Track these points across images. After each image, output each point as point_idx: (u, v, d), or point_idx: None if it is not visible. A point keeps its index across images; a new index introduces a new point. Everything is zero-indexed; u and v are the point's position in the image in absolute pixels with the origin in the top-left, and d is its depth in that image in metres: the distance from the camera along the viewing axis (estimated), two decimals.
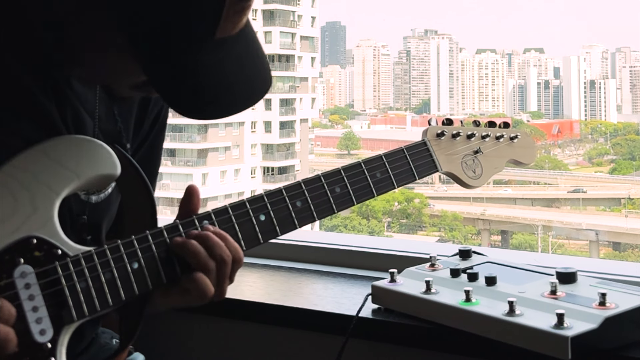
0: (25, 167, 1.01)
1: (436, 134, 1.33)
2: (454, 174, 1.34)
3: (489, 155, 1.38)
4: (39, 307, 0.96)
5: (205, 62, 0.96)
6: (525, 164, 1.42)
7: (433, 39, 22.11)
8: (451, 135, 1.34)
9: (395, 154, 1.27)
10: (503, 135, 1.40)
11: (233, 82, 1.00)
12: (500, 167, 1.40)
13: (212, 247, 1.03)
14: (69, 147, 1.05)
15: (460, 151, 1.35)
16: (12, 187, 0.99)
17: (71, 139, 1.07)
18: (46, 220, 1.00)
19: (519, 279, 1.47)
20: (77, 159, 1.04)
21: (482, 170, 1.37)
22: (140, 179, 1.08)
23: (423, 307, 1.45)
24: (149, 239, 1.03)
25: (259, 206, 1.12)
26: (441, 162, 1.32)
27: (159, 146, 1.31)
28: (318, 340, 1.62)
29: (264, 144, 16.19)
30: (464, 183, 1.34)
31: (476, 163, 1.36)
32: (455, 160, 1.34)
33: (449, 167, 1.33)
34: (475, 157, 1.36)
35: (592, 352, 1.28)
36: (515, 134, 1.41)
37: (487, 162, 1.38)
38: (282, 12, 16.61)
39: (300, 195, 1.15)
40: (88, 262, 0.99)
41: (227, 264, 1.04)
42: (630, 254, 13.15)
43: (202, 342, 1.78)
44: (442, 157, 1.32)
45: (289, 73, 16.69)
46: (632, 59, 19.58)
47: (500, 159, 1.40)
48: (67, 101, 1.09)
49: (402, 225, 15.12)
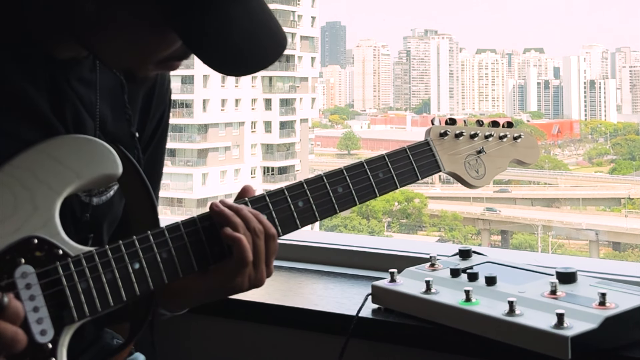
0: (26, 167, 1.01)
1: (439, 133, 1.33)
2: (457, 174, 1.33)
3: (492, 155, 1.38)
4: (39, 307, 0.96)
5: (232, 14, 0.97)
6: (528, 163, 1.41)
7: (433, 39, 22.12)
8: (454, 135, 1.34)
9: (397, 154, 1.26)
10: (506, 135, 1.39)
11: (259, 33, 1.01)
12: (503, 167, 1.39)
13: (247, 219, 1.07)
14: (70, 147, 1.04)
15: (463, 151, 1.35)
16: (13, 186, 0.99)
17: (72, 139, 1.07)
18: (47, 220, 1.00)
19: (519, 279, 1.47)
20: (78, 159, 1.04)
21: (485, 170, 1.36)
22: (140, 179, 1.08)
23: (423, 307, 1.45)
24: (150, 239, 1.03)
25: (260, 206, 1.12)
26: (444, 162, 1.31)
27: (163, 147, 1.31)
28: (318, 340, 1.62)
29: (264, 144, 16.20)
30: (467, 183, 1.34)
31: (479, 163, 1.36)
32: (459, 160, 1.34)
33: (452, 167, 1.33)
34: (478, 157, 1.36)
35: (592, 352, 1.28)
36: (518, 133, 1.41)
37: (490, 162, 1.37)
38: (282, 12, 16.61)
39: (303, 195, 1.15)
40: (89, 262, 0.99)
41: (260, 236, 1.07)
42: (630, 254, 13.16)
43: (202, 342, 1.78)
44: (445, 157, 1.32)
45: (289, 73, 16.70)
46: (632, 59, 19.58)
47: (504, 159, 1.39)
48: (67, 102, 1.09)
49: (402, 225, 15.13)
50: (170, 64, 1.05)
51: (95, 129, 1.13)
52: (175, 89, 15.26)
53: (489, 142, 1.37)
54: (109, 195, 1.15)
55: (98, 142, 1.06)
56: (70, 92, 1.09)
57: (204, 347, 1.78)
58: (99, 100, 1.14)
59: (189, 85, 15.48)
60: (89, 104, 1.12)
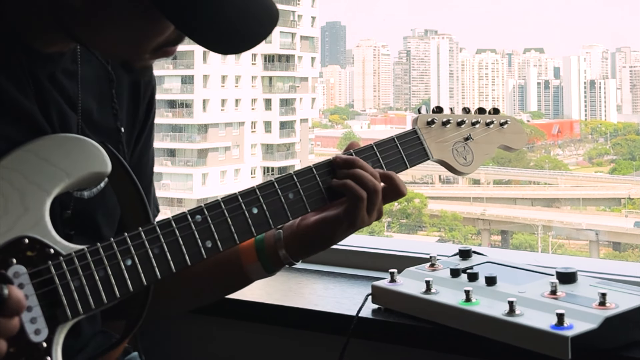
0: (15, 167, 1.01)
1: (426, 122, 1.33)
2: (445, 161, 1.34)
3: (480, 141, 1.38)
4: (33, 306, 0.96)
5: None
6: (516, 149, 1.42)
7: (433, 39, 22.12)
8: (441, 123, 1.34)
9: (386, 143, 1.27)
10: (493, 122, 1.40)
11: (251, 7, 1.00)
12: (490, 153, 1.40)
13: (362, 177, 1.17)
14: (58, 146, 1.05)
15: (451, 138, 1.35)
16: (2, 187, 0.99)
17: (60, 138, 1.07)
18: (38, 220, 1.00)
19: (519, 279, 1.47)
20: (66, 158, 1.04)
21: (473, 157, 1.37)
22: (128, 175, 1.08)
23: (423, 307, 1.45)
24: (142, 236, 1.03)
25: (251, 199, 1.12)
26: (432, 150, 1.32)
27: (151, 140, 1.31)
28: (318, 340, 1.62)
29: (264, 144, 16.20)
30: (456, 170, 1.34)
31: (467, 150, 1.36)
32: (446, 148, 1.34)
33: (440, 154, 1.33)
34: (466, 144, 1.36)
35: (592, 352, 1.28)
36: (504, 119, 1.41)
37: (477, 148, 1.38)
38: (282, 12, 16.60)
39: (292, 187, 1.16)
40: (81, 261, 0.99)
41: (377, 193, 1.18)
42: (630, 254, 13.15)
43: (202, 342, 1.78)
44: (433, 144, 1.32)
45: (289, 73, 16.70)
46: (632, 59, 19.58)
47: (491, 145, 1.40)
48: (51, 99, 1.09)
49: (402, 225, 15.12)
50: (166, 50, 1.04)
51: (78, 123, 1.12)
52: (175, 89, 15.26)
53: (476, 129, 1.38)
54: (100, 187, 1.15)
55: (86, 140, 1.06)
56: (53, 87, 1.09)
57: (204, 347, 1.78)
58: (81, 93, 1.13)
59: (189, 85, 15.48)
60: (71, 96, 1.12)
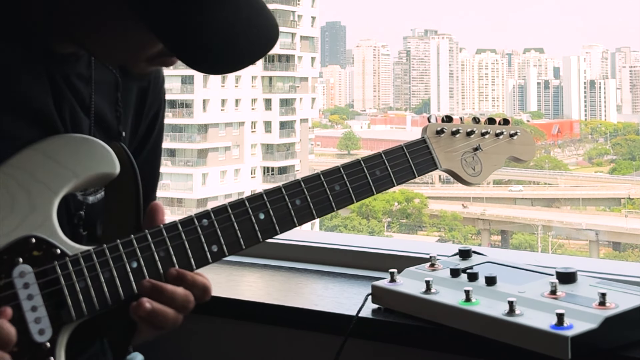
0: (24, 167, 1.01)
1: (436, 131, 1.33)
2: (454, 171, 1.33)
3: (489, 152, 1.38)
4: (37, 306, 0.96)
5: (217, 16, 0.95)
6: (525, 160, 1.42)
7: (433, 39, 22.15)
8: (450, 132, 1.34)
9: (394, 151, 1.26)
10: (503, 132, 1.40)
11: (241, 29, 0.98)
12: (499, 164, 1.40)
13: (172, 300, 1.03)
14: (67, 146, 1.04)
15: (460, 148, 1.35)
16: (10, 186, 0.99)
17: (69, 138, 1.07)
18: (45, 220, 1.00)
19: (519, 279, 1.47)
20: (75, 158, 1.03)
21: (482, 167, 1.36)
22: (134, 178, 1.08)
23: (423, 307, 1.45)
24: (148, 238, 1.03)
25: (258, 205, 1.11)
26: (441, 160, 1.31)
27: (160, 149, 1.31)
28: (318, 340, 1.62)
29: (264, 144, 16.22)
30: (464, 180, 1.34)
31: (476, 160, 1.36)
32: (455, 158, 1.34)
33: (449, 164, 1.33)
34: (474, 155, 1.36)
35: (592, 352, 1.28)
36: (514, 130, 1.41)
37: (486, 159, 1.37)
38: (282, 12, 16.62)
39: (300, 193, 1.15)
40: (87, 262, 0.99)
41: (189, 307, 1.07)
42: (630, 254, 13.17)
43: (202, 342, 1.78)
44: (442, 154, 1.32)
45: (289, 73, 16.72)
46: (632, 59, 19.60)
47: (500, 156, 1.40)
48: (65, 99, 1.09)
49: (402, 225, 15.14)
50: (162, 60, 1.04)
51: (91, 127, 1.13)
52: (175, 89, 15.27)
53: (486, 140, 1.38)
54: (103, 193, 1.15)
55: (96, 141, 1.06)
56: (68, 89, 1.09)
57: (204, 347, 1.78)
58: (95, 96, 1.14)
59: (189, 85, 15.50)
60: (85, 100, 1.12)
